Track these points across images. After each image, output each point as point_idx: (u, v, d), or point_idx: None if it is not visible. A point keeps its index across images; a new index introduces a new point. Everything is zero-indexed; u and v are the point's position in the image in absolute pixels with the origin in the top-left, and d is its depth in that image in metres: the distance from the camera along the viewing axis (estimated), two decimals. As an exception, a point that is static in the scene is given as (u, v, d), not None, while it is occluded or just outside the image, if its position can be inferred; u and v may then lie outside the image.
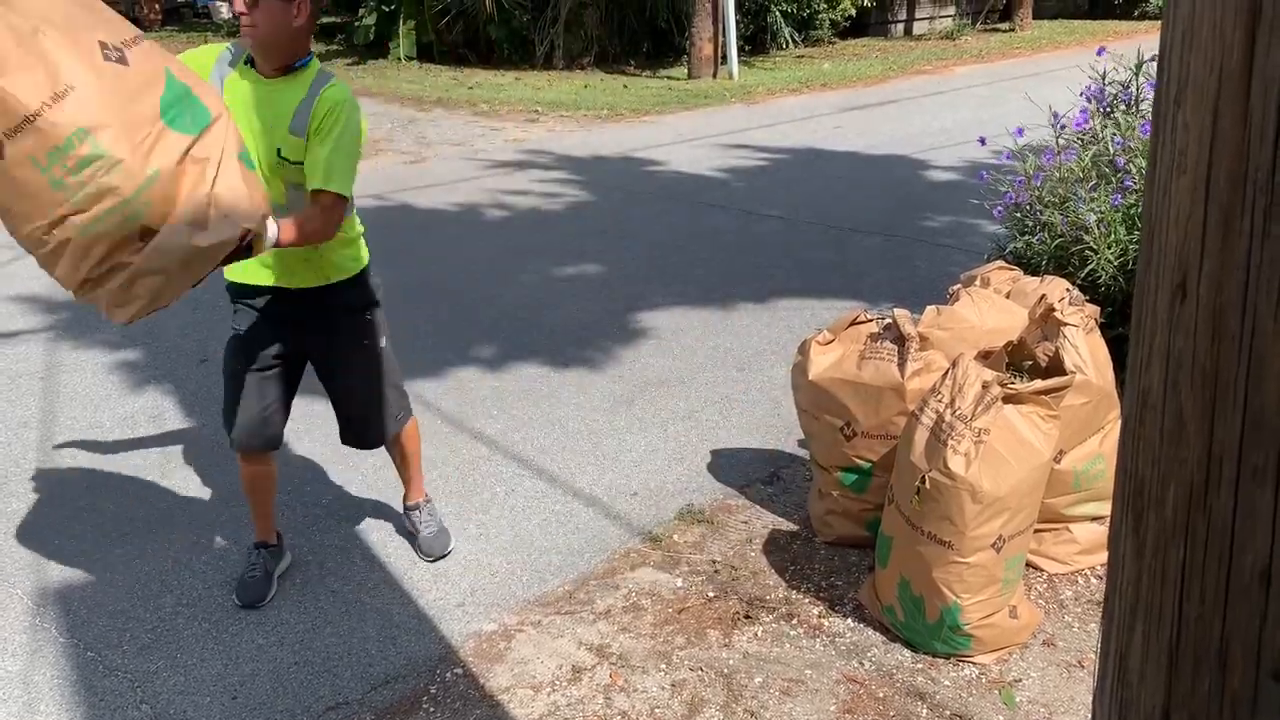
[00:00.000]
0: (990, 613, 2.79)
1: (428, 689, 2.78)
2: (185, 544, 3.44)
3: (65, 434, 4.21)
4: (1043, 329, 3.24)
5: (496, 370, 4.84)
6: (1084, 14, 21.65)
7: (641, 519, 3.61)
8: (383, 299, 3.10)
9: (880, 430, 3.20)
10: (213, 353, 4.98)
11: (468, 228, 7.23)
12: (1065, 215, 3.86)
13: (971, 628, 2.79)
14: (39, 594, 3.18)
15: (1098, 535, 3.25)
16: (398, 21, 15.34)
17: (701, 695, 2.74)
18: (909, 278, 6.10)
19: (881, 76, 14.47)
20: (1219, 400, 0.82)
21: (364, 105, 11.20)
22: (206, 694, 2.76)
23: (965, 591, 2.74)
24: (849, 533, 3.38)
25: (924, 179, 8.62)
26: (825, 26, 17.39)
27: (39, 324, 5.37)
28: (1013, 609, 2.84)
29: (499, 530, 3.54)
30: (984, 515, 2.66)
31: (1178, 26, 0.85)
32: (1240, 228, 0.79)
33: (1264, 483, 0.80)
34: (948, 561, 2.73)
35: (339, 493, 3.77)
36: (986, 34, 18.97)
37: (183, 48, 13.38)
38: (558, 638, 2.98)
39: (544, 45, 15.07)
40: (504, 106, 12.07)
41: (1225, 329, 0.81)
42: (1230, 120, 0.79)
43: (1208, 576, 0.85)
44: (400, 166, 9.09)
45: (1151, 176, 0.91)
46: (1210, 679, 0.86)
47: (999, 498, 2.65)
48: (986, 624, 2.80)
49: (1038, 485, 2.77)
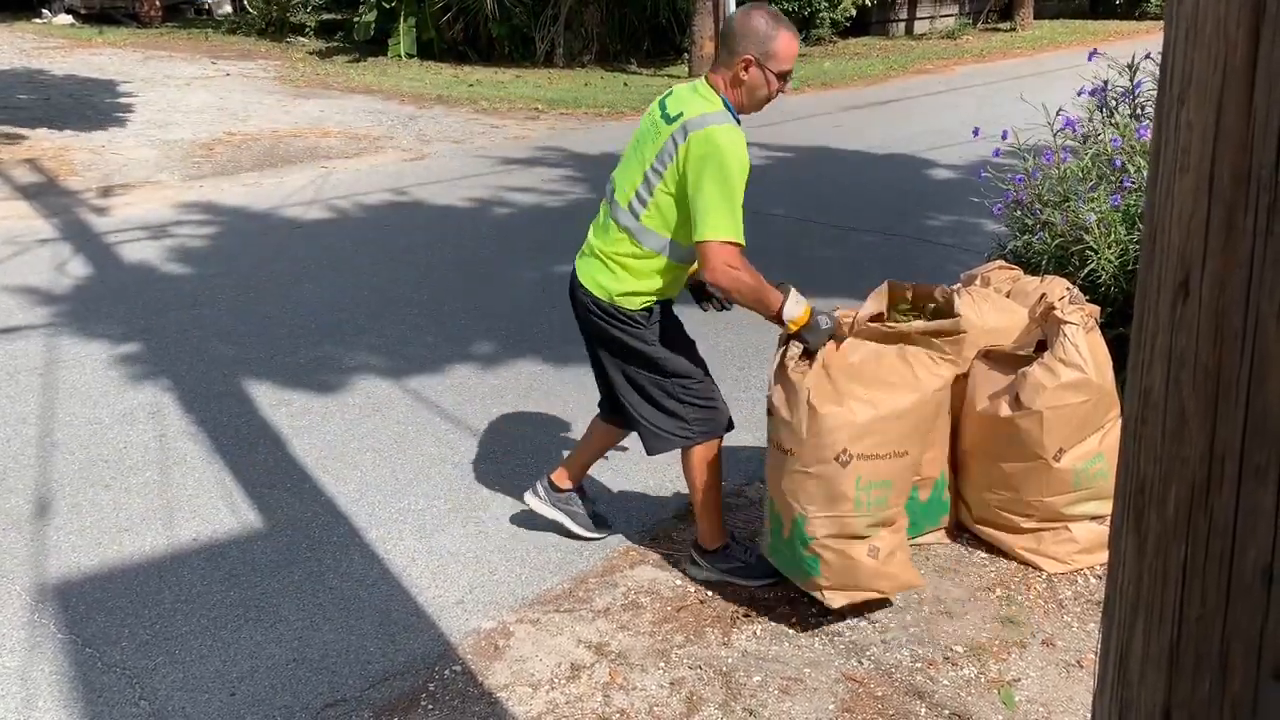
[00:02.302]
0: (839, 533, 2.79)
1: (426, 686, 2.78)
2: (184, 540, 3.44)
3: (64, 429, 4.20)
4: (1043, 328, 3.24)
5: (496, 368, 4.84)
6: (1085, 14, 21.64)
7: (641, 517, 3.60)
8: None
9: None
10: (212, 347, 4.99)
11: (468, 225, 7.23)
12: (1065, 214, 3.86)
13: (818, 544, 2.80)
14: (37, 590, 3.18)
15: (1097, 534, 3.24)
16: (398, 18, 15.33)
17: (700, 693, 2.74)
18: (909, 276, 6.08)
19: (882, 76, 14.46)
20: (1221, 399, 0.82)
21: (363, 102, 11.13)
22: (205, 690, 2.76)
23: (809, 502, 2.78)
24: None
25: (924, 178, 8.61)
26: (826, 25, 17.37)
27: (38, 319, 5.36)
28: (874, 549, 2.83)
29: (498, 528, 3.54)
30: (825, 425, 2.71)
31: (1181, 24, 0.85)
32: (1243, 226, 0.79)
33: (1266, 482, 0.80)
34: (792, 470, 2.79)
35: (338, 490, 3.76)
36: (988, 33, 18.96)
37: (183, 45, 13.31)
38: (556, 635, 2.98)
39: (545, 43, 15.06)
40: (505, 104, 12.06)
41: (1228, 328, 0.81)
42: (1234, 118, 0.79)
43: (1209, 576, 0.85)
44: (400, 164, 9.09)
45: (1154, 175, 0.91)
46: (1211, 679, 0.85)
47: (840, 411, 2.70)
48: (836, 548, 2.80)
49: (906, 418, 2.79)
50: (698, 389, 3.08)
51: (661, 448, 3.13)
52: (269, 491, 3.74)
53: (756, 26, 2.82)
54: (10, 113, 10.66)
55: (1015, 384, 3.16)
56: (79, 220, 7.23)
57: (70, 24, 18.44)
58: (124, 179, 8.36)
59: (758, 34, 2.82)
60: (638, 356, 3.04)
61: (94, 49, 15.71)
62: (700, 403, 3.08)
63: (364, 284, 5.96)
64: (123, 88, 12.33)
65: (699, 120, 2.80)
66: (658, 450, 3.15)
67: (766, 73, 2.84)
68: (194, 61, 14.78)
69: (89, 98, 11.65)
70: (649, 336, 3.03)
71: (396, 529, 3.52)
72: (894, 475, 2.84)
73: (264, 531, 3.50)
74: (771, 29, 2.82)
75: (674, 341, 3.10)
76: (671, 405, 3.06)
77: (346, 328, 5.30)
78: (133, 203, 7.69)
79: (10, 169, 8.56)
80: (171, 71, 13.78)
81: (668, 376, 3.05)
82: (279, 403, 4.45)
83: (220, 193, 8.00)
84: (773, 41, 2.82)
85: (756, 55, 2.82)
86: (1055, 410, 3.09)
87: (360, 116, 11.10)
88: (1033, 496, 3.20)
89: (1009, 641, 2.95)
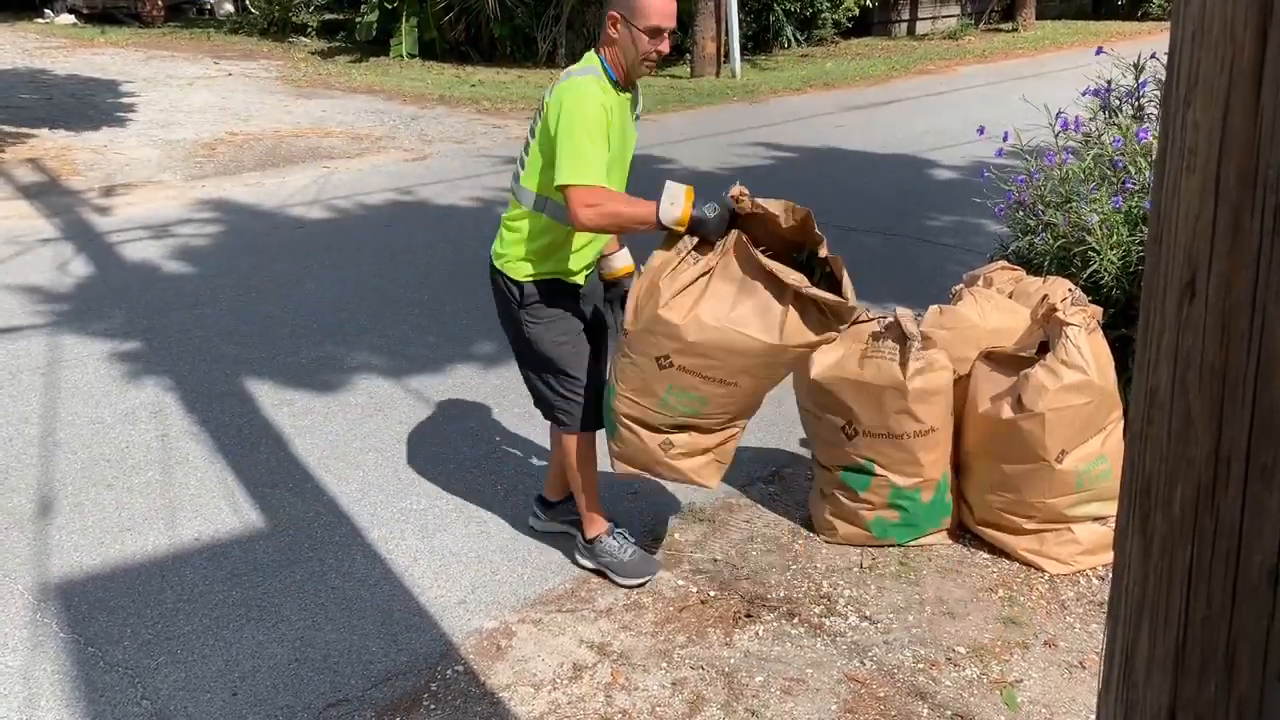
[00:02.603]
0: (639, 419, 2.86)
1: (428, 686, 2.78)
2: (186, 540, 3.44)
3: (66, 429, 4.20)
4: (1045, 329, 3.24)
5: (498, 368, 4.84)
6: (1087, 14, 21.63)
7: (643, 517, 3.60)
8: None
9: (882, 429, 3.20)
10: (215, 347, 4.99)
11: (470, 225, 7.23)
12: (1067, 215, 3.85)
13: (616, 417, 2.89)
14: (40, 589, 3.18)
15: (1100, 535, 3.24)
16: (400, 18, 15.33)
17: (702, 694, 2.74)
18: (911, 277, 6.09)
19: (884, 76, 14.45)
20: (1227, 399, 0.82)
21: (365, 102, 11.13)
22: (207, 690, 2.76)
23: (621, 380, 2.85)
24: (851, 533, 3.38)
25: (927, 178, 8.61)
26: (828, 26, 17.37)
27: (40, 319, 5.37)
28: (668, 442, 2.89)
29: (500, 528, 3.54)
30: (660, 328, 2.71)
31: (1188, 25, 0.85)
32: (1250, 227, 0.78)
33: (1272, 483, 0.79)
34: (620, 353, 2.85)
35: (340, 490, 3.76)
36: (989, 34, 18.95)
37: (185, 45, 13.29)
38: (558, 635, 2.98)
39: (547, 43, 15.06)
40: (506, 104, 12.06)
41: (1234, 328, 0.81)
42: (1240, 119, 0.78)
43: (1215, 577, 0.84)
44: (402, 164, 9.09)
45: (1160, 175, 0.91)
46: (1217, 680, 0.85)
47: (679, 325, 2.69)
48: (630, 426, 2.88)
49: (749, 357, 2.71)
50: (567, 382, 3.08)
51: (543, 413, 3.21)
52: (271, 491, 3.75)
53: None
54: (12, 112, 10.67)
55: (1017, 386, 3.16)
56: (81, 220, 7.23)
57: (72, 24, 18.45)
58: (126, 179, 8.36)
59: None
60: (512, 329, 3.10)
61: (96, 49, 15.72)
62: (567, 395, 3.09)
63: (366, 284, 5.96)
64: (125, 88, 12.33)
65: (563, 76, 2.90)
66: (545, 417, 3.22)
67: (634, 30, 2.84)
68: (196, 61, 14.79)
69: (91, 97, 11.66)
70: (525, 316, 3.03)
71: (399, 529, 3.52)
72: (713, 396, 2.80)
73: (266, 531, 3.50)
74: None
75: (549, 326, 3.04)
76: (539, 387, 3.13)
77: (348, 327, 5.31)
78: (135, 202, 7.69)
79: (12, 169, 8.56)
80: (174, 71, 13.78)
81: (537, 356, 3.07)
82: (281, 402, 4.45)
83: (222, 193, 8.00)
84: None
85: (622, 13, 2.85)
86: (1057, 412, 3.08)
87: (362, 116, 11.10)
88: (1035, 498, 3.20)
89: (1011, 642, 2.95)
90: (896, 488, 3.27)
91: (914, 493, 3.28)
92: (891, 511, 3.31)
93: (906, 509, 3.31)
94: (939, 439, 3.25)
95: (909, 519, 3.33)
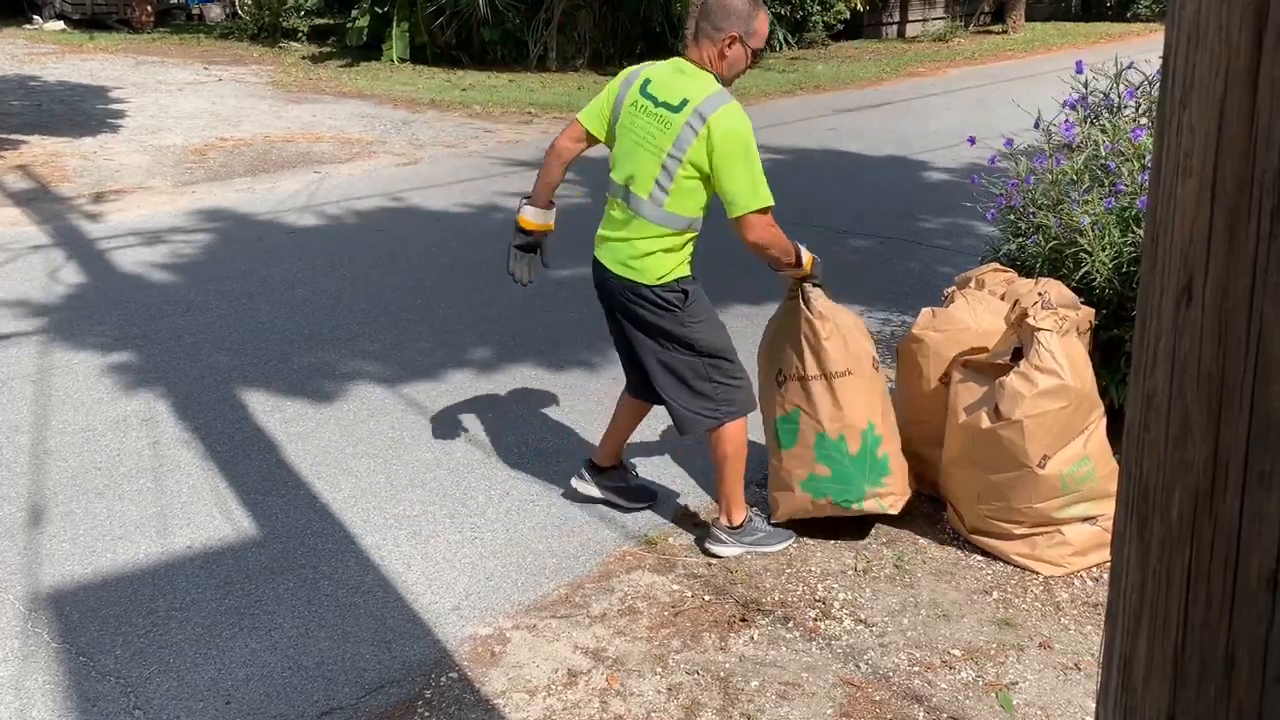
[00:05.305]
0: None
1: (422, 693, 2.77)
2: (178, 548, 3.43)
3: (57, 437, 4.18)
4: (1018, 335, 3.24)
5: (491, 373, 4.83)
6: (1076, 16, 21.70)
7: (637, 522, 3.60)
8: None
9: (801, 372, 3.30)
10: (206, 353, 4.97)
11: (462, 229, 7.22)
12: (1059, 217, 3.86)
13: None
14: (31, 599, 3.16)
15: (1090, 535, 3.25)
16: (391, 23, 15.31)
17: (698, 699, 2.73)
18: (903, 280, 6.10)
19: (875, 79, 14.49)
20: (1225, 404, 0.82)
21: (356, 107, 11.11)
22: (199, 699, 2.75)
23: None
24: (792, 504, 3.43)
25: (918, 181, 8.62)
26: (818, 29, 17.40)
27: (30, 327, 5.34)
28: None
29: (493, 533, 3.53)
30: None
31: (1183, 28, 0.85)
32: (1246, 231, 0.78)
33: (1270, 487, 0.79)
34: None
35: (332, 496, 3.75)
36: (979, 36, 19.01)
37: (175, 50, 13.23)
38: (553, 641, 2.97)
39: (537, 47, 15.05)
40: (498, 108, 12.06)
41: (1231, 333, 0.80)
42: (1236, 122, 0.78)
43: (1213, 582, 0.84)
44: (394, 168, 9.08)
45: (1156, 179, 0.91)
46: (1216, 685, 0.85)
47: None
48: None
49: None
50: (728, 368, 3.22)
51: (693, 429, 3.29)
52: (263, 498, 3.73)
53: (738, 6, 3.03)
54: (1, 119, 10.63)
55: (994, 394, 3.16)
56: (71, 226, 7.20)
57: (61, 30, 18.40)
58: (116, 185, 8.34)
59: (741, 13, 3.03)
60: (674, 338, 3.17)
61: (85, 54, 15.67)
62: (730, 382, 3.22)
63: (358, 289, 5.94)
64: (114, 93, 12.30)
65: (710, 104, 2.99)
66: (689, 431, 3.31)
67: (747, 49, 3.06)
68: (186, 67, 14.75)
69: (81, 104, 11.62)
70: (685, 318, 3.16)
71: (392, 535, 3.51)
72: None
73: (258, 539, 3.48)
74: (752, 8, 3.05)
75: (708, 321, 3.22)
76: (702, 386, 3.20)
77: (340, 333, 5.29)
78: (125, 208, 7.67)
79: (2, 175, 8.53)
80: (163, 77, 13.75)
81: (700, 356, 3.19)
82: (273, 409, 4.43)
83: (213, 198, 7.98)
84: (754, 20, 3.04)
85: (741, 33, 3.02)
86: (1035, 419, 3.09)
87: (353, 121, 11.08)
88: (1022, 504, 3.20)
89: (1006, 644, 2.95)
90: (821, 434, 3.29)
91: (839, 442, 3.28)
92: (821, 466, 3.33)
93: (836, 461, 3.30)
94: (857, 385, 3.25)
95: (840, 474, 3.31)
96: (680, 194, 3.06)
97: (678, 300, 3.13)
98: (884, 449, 3.34)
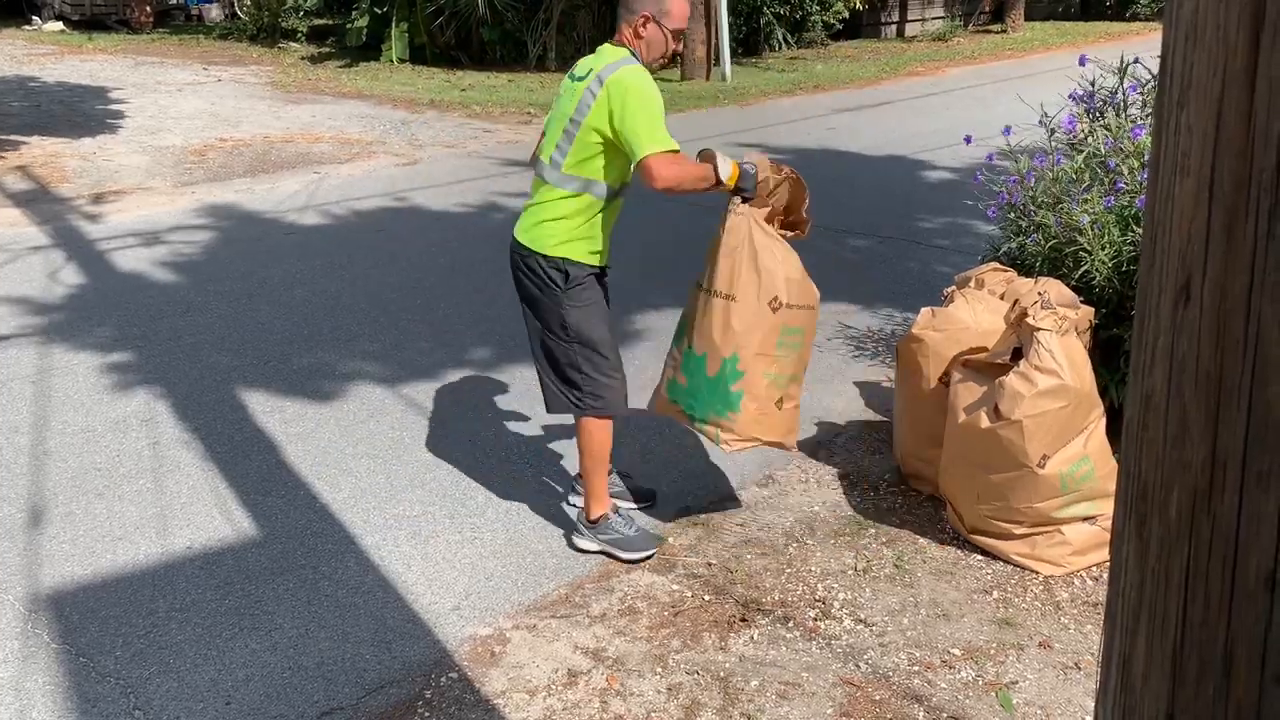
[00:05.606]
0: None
1: (422, 694, 2.77)
2: (178, 548, 3.43)
3: (57, 438, 4.18)
4: (1017, 334, 3.24)
5: (491, 372, 4.83)
6: (1075, 15, 21.70)
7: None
8: None
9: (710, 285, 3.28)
10: (206, 354, 4.97)
11: (462, 229, 7.22)
12: (1059, 216, 3.86)
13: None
14: (31, 600, 3.16)
15: (1090, 535, 3.25)
16: (390, 23, 15.32)
17: (698, 699, 2.73)
18: (902, 279, 6.10)
19: (874, 78, 14.48)
20: (1223, 404, 0.82)
21: (356, 107, 11.12)
22: (200, 700, 2.75)
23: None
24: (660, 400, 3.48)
25: (917, 180, 8.62)
26: (818, 28, 17.41)
27: (30, 327, 5.34)
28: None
29: (493, 533, 3.53)
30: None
31: (1180, 28, 0.85)
32: (1244, 231, 0.78)
33: (1268, 487, 0.79)
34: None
35: (332, 497, 3.75)
36: (979, 35, 19.01)
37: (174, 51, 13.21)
38: (553, 641, 2.97)
39: (537, 47, 15.06)
40: (497, 108, 12.06)
41: (1229, 332, 0.80)
42: (1234, 122, 0.78)
43: (1212, 581, 0.84)
44: (393, 169, 9.08)
45: (1154, 178, 0.91)
46: (1215, 684, 0.85)
47: None
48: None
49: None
50: (601, 363, 3.26)
51: (557, 409, 3.36)
52: (263, 499, 3.73)
53: None
54: (1, 120, 10.63)
55: (993, 394, 3.16)
56: (71, 227, 7.20)
57: (61, 30, 18.40)
58: (116, 185, 8.34)
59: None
60: (550, 316, 3.23)
61: (85, 55, 15.67)
62: (600, 377, 3.26)
63: (357, 289, 5.94)
64: (114, 94, 12.30)
65: (611, 68, 3.09)
66: (553, 410, 3.38)
67: (664, 30, 3.17)
68: (185, 67, 14.76)
69: (80, 104, 11.62)
70: (563, 299, 3.20)
71: (391, 535, 3.51)
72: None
73: (258, 539, 3.48)
74: None
75: (586, 309, 3.23)
76: (571, 374, 3.25)
77: (340, 333, 5.29)
78: (125, 209, 7.67)
79: (1, 176, 8.53)
80: (163, 77, 13.75)
81: (571, 342, 3.23)
82: (273, 409, 4.43)
83: (213, 199, 7.98)
84: (666, 1, 3.14)
85: (654, 13, 3.15)
86: (1035, 419, 3.09)
87: (352, 122, 11.08)
88: (1022, 504, 3.20)
89: (1006, 644, 2.95)
90: (689, 349, 3.31)
91: (701, 359, 3.28)
92: (682, 375, 3.35)
93: (692, 376, 3.31)
94: (737, 313, 3.18)
95: (692, 388, 3.31)
96: (578, 156, 3.12)
97: (559, 279, 3.18)
98: (740, 386, 3.25)
